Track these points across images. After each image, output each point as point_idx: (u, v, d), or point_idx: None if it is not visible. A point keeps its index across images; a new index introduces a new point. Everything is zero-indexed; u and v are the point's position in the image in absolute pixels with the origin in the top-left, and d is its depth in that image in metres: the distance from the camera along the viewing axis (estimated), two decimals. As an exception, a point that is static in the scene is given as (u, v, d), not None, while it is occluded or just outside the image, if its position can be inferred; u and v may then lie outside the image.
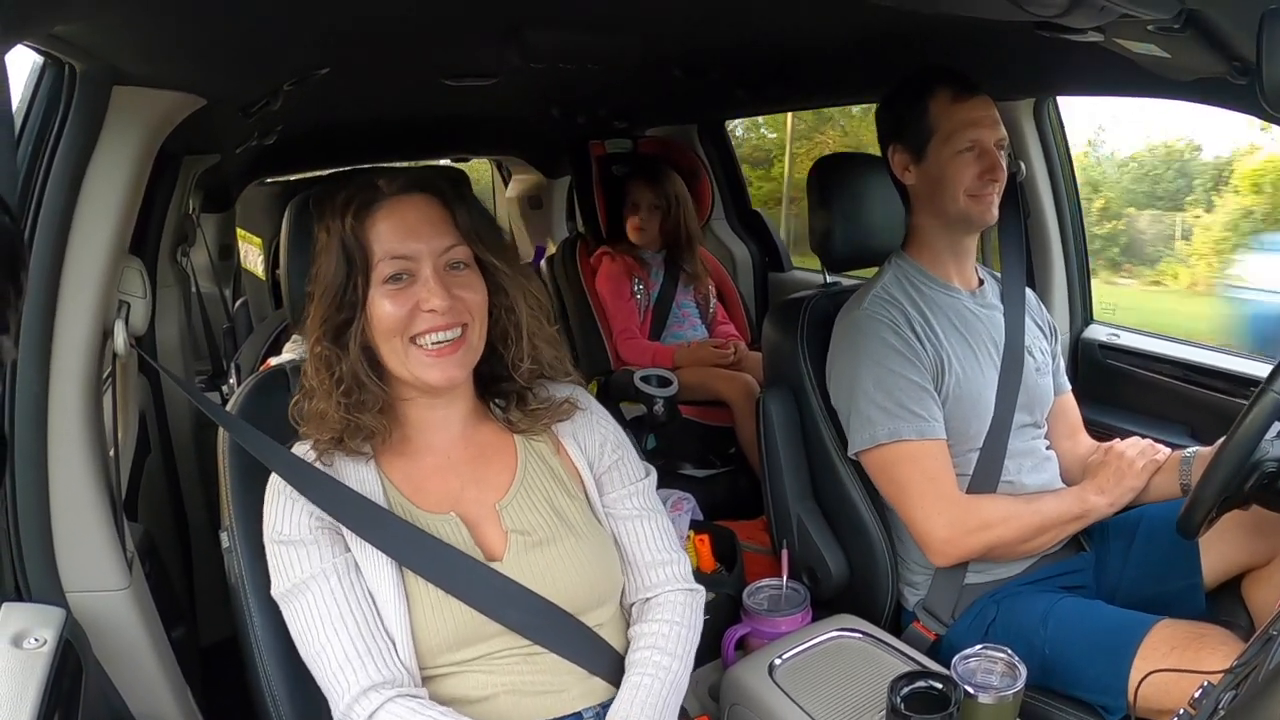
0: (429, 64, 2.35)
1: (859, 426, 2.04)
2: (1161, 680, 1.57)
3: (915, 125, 2.10)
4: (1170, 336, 2.75)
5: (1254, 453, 1.60)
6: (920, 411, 1.99)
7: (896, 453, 2.00)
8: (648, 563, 1.66)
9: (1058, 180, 2.77)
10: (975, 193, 2.05)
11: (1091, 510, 2.02)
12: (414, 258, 1.47)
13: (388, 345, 1.48)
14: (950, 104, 2.06)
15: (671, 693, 1.53)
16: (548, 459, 1.63)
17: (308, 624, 1.43)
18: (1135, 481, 2.02)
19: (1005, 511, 2.00)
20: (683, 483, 3.25)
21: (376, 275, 1.47)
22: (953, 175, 2.06)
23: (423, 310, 1.46)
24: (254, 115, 2.24)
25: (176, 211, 2.77)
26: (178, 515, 2.69)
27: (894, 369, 2.01)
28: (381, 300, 1.47)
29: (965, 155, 2.05)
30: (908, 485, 2.00)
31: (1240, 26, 1.36)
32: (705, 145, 4.35)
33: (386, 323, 1.47)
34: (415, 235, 1.48)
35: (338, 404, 1.48)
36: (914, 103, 2.10)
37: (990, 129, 2.06)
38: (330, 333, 1.49)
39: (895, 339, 2.02)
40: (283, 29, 1.69)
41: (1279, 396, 1.56)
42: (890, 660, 1.83)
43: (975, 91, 2.07)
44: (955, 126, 2.05)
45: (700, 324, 3.85)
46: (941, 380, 2.04)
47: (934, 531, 1.98)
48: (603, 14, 2.01)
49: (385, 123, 3.56)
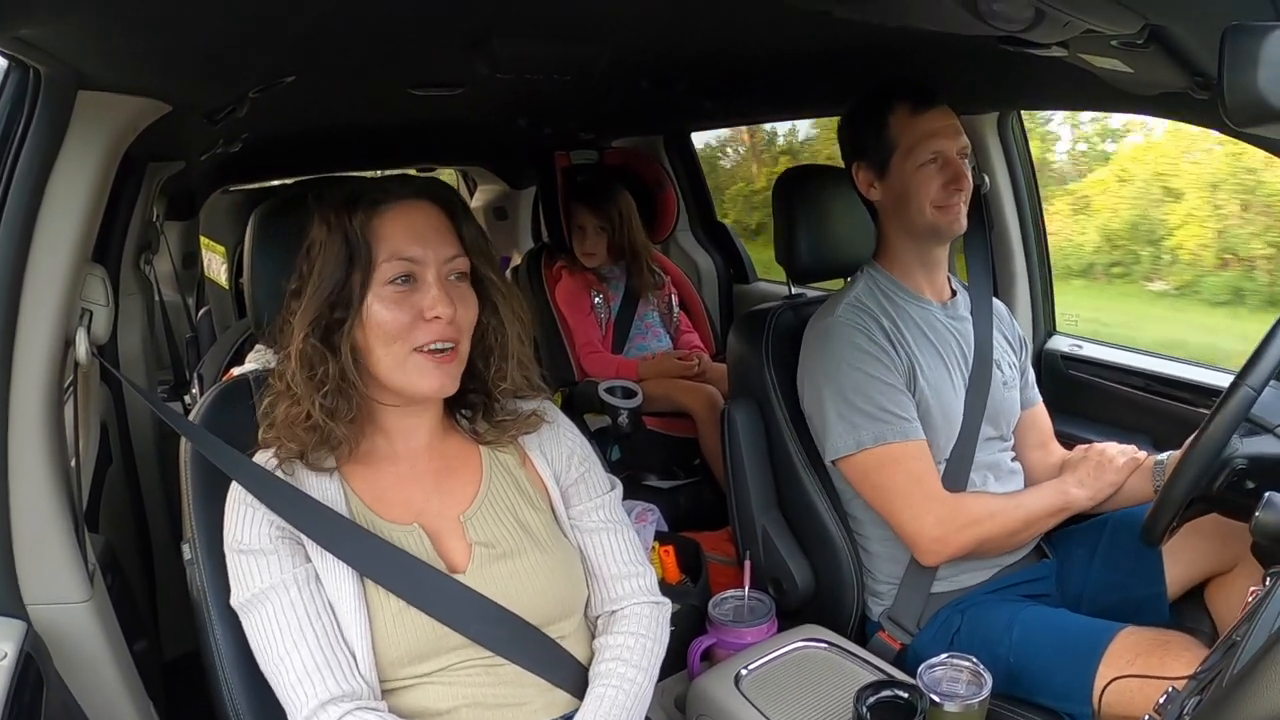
0: (395, 74, 2.34)
1: (841, 433, 2.04)
2: (1126, 687, 1.59)
3: (876, 142, 2.11)
4: (1133, 347, 2.78)
5: (1225, 448, 1.62)
6: (902, 414, 2.01)
7: (882, 456, 2.01)
8: (613, 575, 1.65)
9: (1021, 193, 2.80)
10: (941, 204, 2.06)
11: (1073, 503, 2.04)
12: (421, 262, 1.47)
13: (384, 350, 1.47)
14: (910, 117, 2.08)
15: (636, 705, 1.53)
16: (513, 471, 1.62)
17: (267, 635, 1.41)
18: (1116, 476, 2.05)
19: (991, 508, 2.02)
20: (647, 494, 3.25)
21: (379, 275, 1.45)
22: (917, 188, 2.07)
23: (426, 318, 1.46)
24: (220, 122, 2.22)
25: (140, 219, 2.74)
26: (140, 527, 2.66)
27: (871, 374, 2.01)
28: (383, 303, 1.45)
29: (928, 167, 2.06)
30: (895, 487, 2.01)
31: (1203, 42, 1.38)
32: (671, 157, 4.36)
33: (388, 327, 1.45)
34: (423, 240, 1.48)
35: (317, 406, 1.45)
36: (874, 119, 2.11)
37: (952, 138, 2.07)
38: (319, 330, 1.46)
39: (869, 344, 2.04)
40: (249, 36, 1.68)
41: (1252, 392, 1.58)
42: (856, 670, 1.84)
43: (934, 102, 2.08)
44: (916, 139, 2.06)
45: (664, 334, 3.86)
46: (912, 389, 2.06)
47: (924, 531, 1.99)
48: (570, 25, 2.01)
49: (350, 131, 3.54)
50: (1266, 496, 1.32)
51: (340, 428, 1.47)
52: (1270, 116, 1.08)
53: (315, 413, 1.45)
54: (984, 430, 2.12)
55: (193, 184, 3.74)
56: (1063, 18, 1.33)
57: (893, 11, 1.58)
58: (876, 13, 1.60)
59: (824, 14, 1.63)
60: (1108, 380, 2.70)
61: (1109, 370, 2.71)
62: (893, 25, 1.63)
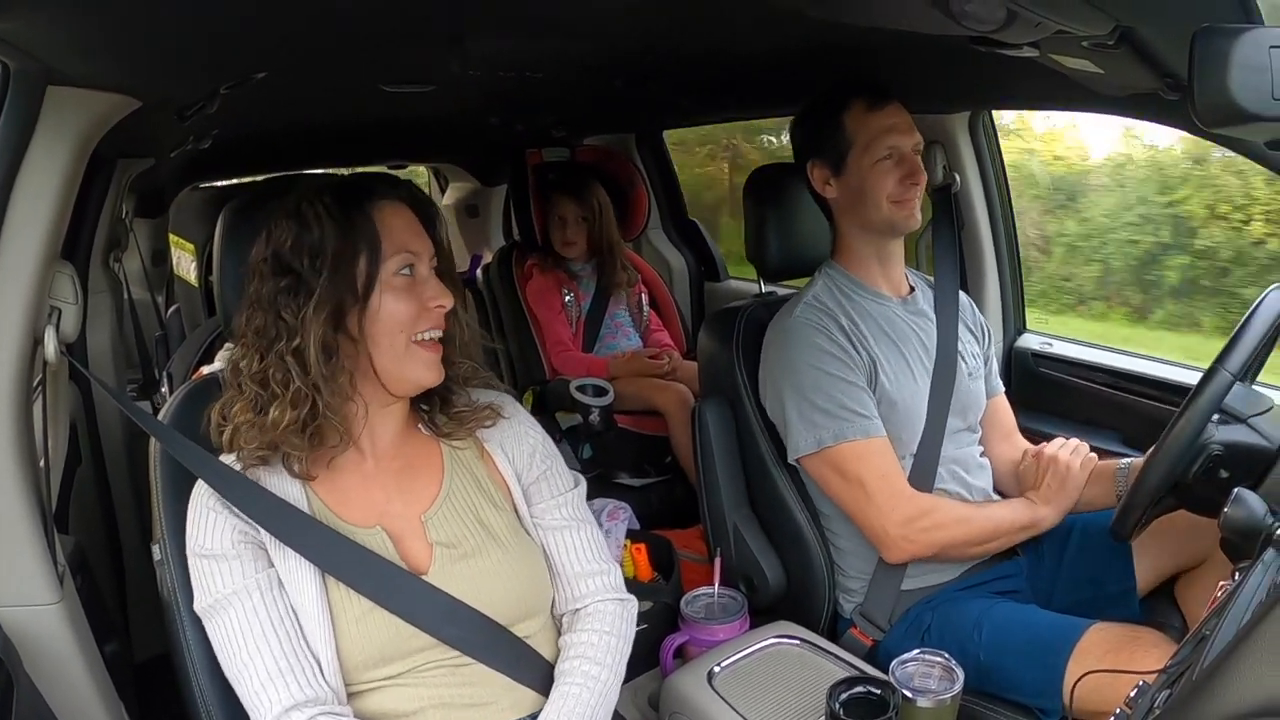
0: (368, 70, 2.33)
1: (802, 431, 2.05)
2: (1097, 682, 1.60)
3: (832, 139, 2.13)
4: (1102, 345, 2.80)
5: (1201, 434, 1.63)
6: (863, 411, 2.01)
7: (844, 454, 2.01)
8: (577, 574, 1.66)
9: (991, 192, 2.81)
10: (898, 198, 2.08)
11: (1041, 521, 2.04)
12: (419, 255, 1.50)
13: (389, 340, 1.48)
14: (865, 114, 2.10)
15: (601, 702, 1.53)
16: (474, 469, 1.62)
17: (231, 641, 1.41)
18: (1077, 483, 2.05)
19: (959, 514, 2.03)
20: (619, 492, 3.24)
21: (389, 266, 1.47)
22: (874, 184, 2.08)
23: (429, 307, 1.49)
24: (190, 119, 2.20)
25: (110, 215, 2.71)
26: (110, 527, 2.64)
27: (831, 372, 2.02)
28: (394, 294, 1.47)
29: (884, 163, 2.08)
30: (858, 485, 2.01)
31: (1173, 44, 1.39)
32: (643, 155, 4.36)
33: (399, 316, 1.47)
34: (418, 235, 1.52)
35: (319, 403, 1.44)
36: (829, 117, 2.13)
37: (906, 134, 2.10)
38: (332, 324, 1.45)
39: (829, 343, 2.04)
40: (220, 32, 1.66)
41: (1230, 376, 1.60)
42: (828, 666, 1.85)
43: (888, 100, 2.11)
44: (872, 136, 2.08)
45: (634, 333, 3.86)
46: (874, 385, 2.06)
47: (890, 528, 1.99)
48: (542, 23, 2.01)
49: (322, 128, 3.53)
50: (1235, 492, 1.33)
51: (335, 420, 1.47)
52: (1239, 118, 1.10)
53: (314, 403, 1.44)
54: (951, 423, 2.13)
55: (162, 181, 3.72)
56: (1034, 19, 1.34)
57: (865, 11, 1.58)
58: (849, 13, 1.61)
59: (797, 13, 1.64)
60: (1078, 378, 2.72)
61: (1079, 368, 2.73)
62: (865, 25, 1.64)
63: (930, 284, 2.32)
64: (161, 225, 4.11)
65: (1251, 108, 1.09)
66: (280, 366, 1.44)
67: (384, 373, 1.50)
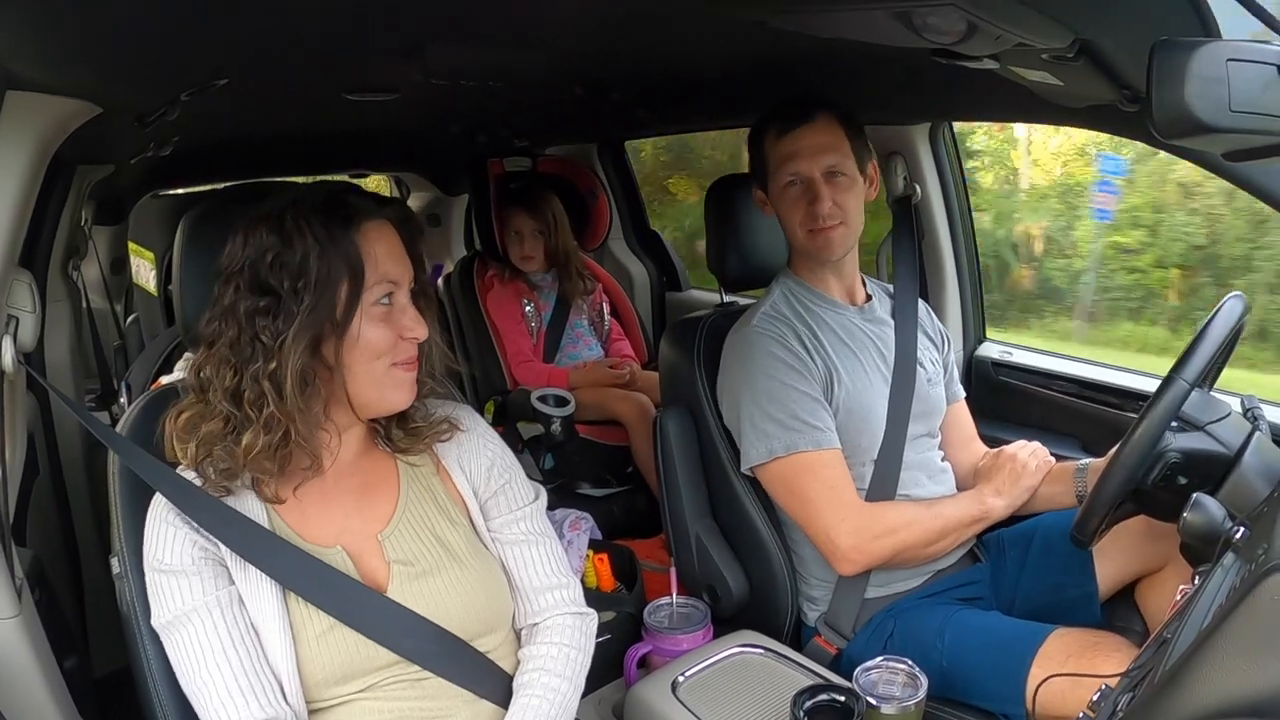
0: (330, 78, 2.32)
1: (754, 441, 2.05)
2: (1060, 686, 1.62)
3: (759, 165, 2.16)
4: (1061, 354, 2.83)
5: (1159, 442, 1.66)
6: (815, 423, 2.02)
7: (795, 465, 2.02)
8: (536, 588, 1.65)
9: (952, 202, 2.83)
10: (810, 226, 2.09)
11: (990, 512, 2.06)
12: (399, 283, 1.48)
13: (365, 366, 1.46)
14: (775, 141, 2.11)
15: (560, 714, 1.53)
16: (430, 485, 1.61)
17: (190, 658, 1.38)
18: (1030, 481, 2.08)
19: (909, 516, 2.03)
20: (581, 502, 3.25)
21: (370, 294, 1.44)
22: (785, 213, 2.12)
23: (405, 338, 1.47)
24: (150, 125, 2.18)
25: (69, 223, 2.67)
26: (68, 540, 2.60)
27: (786, 382, 2.03)
28: (373, 322, 1.45)
29: (790, 190, 2.09)
30: (809, 497, 2.02)
31: (1131, 57, 1.41)
32: (604, 165, 4.36)
33: (377, 345, 1.45)
34: (400, 260, 1.49)
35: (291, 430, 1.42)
36: (757, 143, 2.16)
37: (811, 158, 2.07)
38: (311, 346, 1.42)
39: (785, 353, 2.05)
40: (182, 38, 1.65)
41: (1186, 384, 1.62)
42: (793, 674, 1.85)
43: (800, 122, 2.09)
44: (778, 163, 2.10)
45: (595, 343, 3.86)
46: (831, 393, 2.07)
47: (840, 540, 1.99)
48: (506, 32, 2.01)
49: (284, 136, 3.50)
50: (1194, 498, 1.35)
51: (306, 446, 1.45)
52: (1197, 129, 1.12)
53: (287, 430, 1.42)
54: (912, 429, 2.14)
55: (122, 188, 3.68)
56: (994, 31, 1.36)
57: (827, 24, 1.59)
58: (810, 25, 1.61)
59: (759, 25, 1.64)
60: (1037, 385, 2.74)
61: (1038, 376, 2.75)
62: (827, 36, 1.65)
63: (889, 292, 2.34)
64: (121, 233, 4.06)
65: (1209, 119, 1.10)
66: (255, 389, 1.41)
67: (357, 398, 1.49)
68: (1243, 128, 1.12)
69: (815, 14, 1.54)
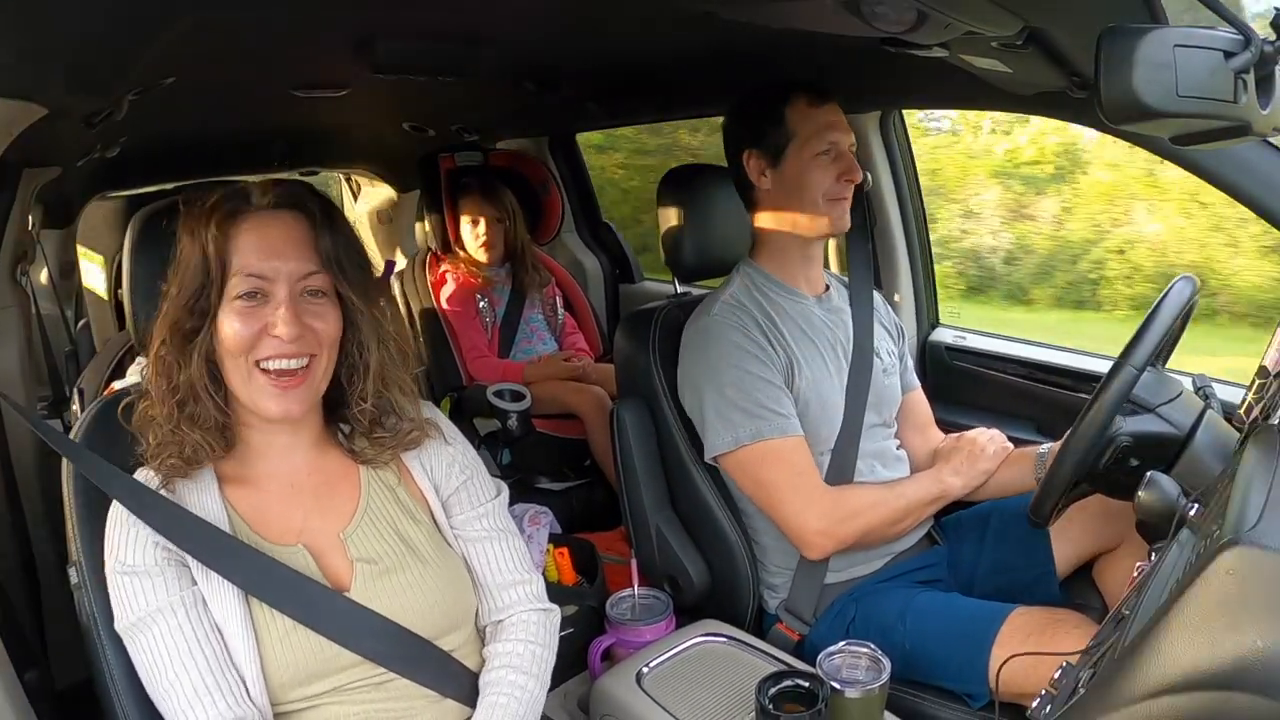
0: (278, 75, 2.30)
1: (719, 429, 2.06)
2: (1021, 665, 1.63)
3: (773, 131, 2.13)
4: (1014, 337, 2.86)
5: (1110, 426, 1.68)
6: (780, 410, 2.03)
7: (761, 452, 2.03)
8: (499, 584, 1.64)
9: (903, 190, 2.86)
10: (834, 195, 2.11)
11: (948, 490, 2.10)
12: (271, 278, 1.42)
13: (231, 363, 1.43)
14: (808, 109, 2.11)
15: (528, 712, 1.53)
16: (391, 485, 1.60)
17: (155, 660, 1.37)
18: (988, 464, 2.11)
19: (873, 498, 2.05)
20: (539, 496, 3.23)
21: (230, 290, 1.42)
22: (812, 178, 2.10)
23: (270, 335, 1.42)
24: (97, 126, 2.15)
25: (16, 227, 2.63)
26: (24, 551, 2.56)
27: (749, 370, 2.04)
28: (230, 317, 1.41)
29: (823, 158, 2.09)
30: (775, 483, 2.03)
31: (1079, 44, 1.43)
32: (556, 158, 4.35)
33: (232, 341, 1.41)
34: (277, 254, 1.43)
35: (169, 414, 1.42)
36: (771, 109, 2.13)
37: (845, 133, 2.12)
38: (176, 338, 1.42)
39: (747, 342, 2.06)
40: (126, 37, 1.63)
41: (1135, 371, 1.65)
42: (756, 662, 1.87)
43: (829, 97, 2.13)
44: (814, 130, 2.10)
45: (550, 337, 3.85)
46: (792, 383, 2.08)
47: (808, 525, 2.01)
48: (454, 26, 2.00)
49: (232, 135, 3.47)
50: (1148, 476, 1.37)
51: (196, 434, 1.44)
52: (1144, 114, 1.13)
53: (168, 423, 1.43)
54: (868, 418, 2.16)
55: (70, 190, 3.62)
56: (944, 20, 1.37)
57: (777, 13, 1.60)
58: (760, 14, 1.62)
59: (707, 15, 1.65)
60: (991, 369, 2.78)
61: (992, 359, 2.79)
62: (778, 26, 1.66)
63: (845, 282, 2.35)
64: (69, 236, 3.99)
65: (1156, 104, 1.12)
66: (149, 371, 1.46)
67: (236, 393, 1.47)
68: (1189, 112, 1.13)
69: (765, 4, 1.55)
